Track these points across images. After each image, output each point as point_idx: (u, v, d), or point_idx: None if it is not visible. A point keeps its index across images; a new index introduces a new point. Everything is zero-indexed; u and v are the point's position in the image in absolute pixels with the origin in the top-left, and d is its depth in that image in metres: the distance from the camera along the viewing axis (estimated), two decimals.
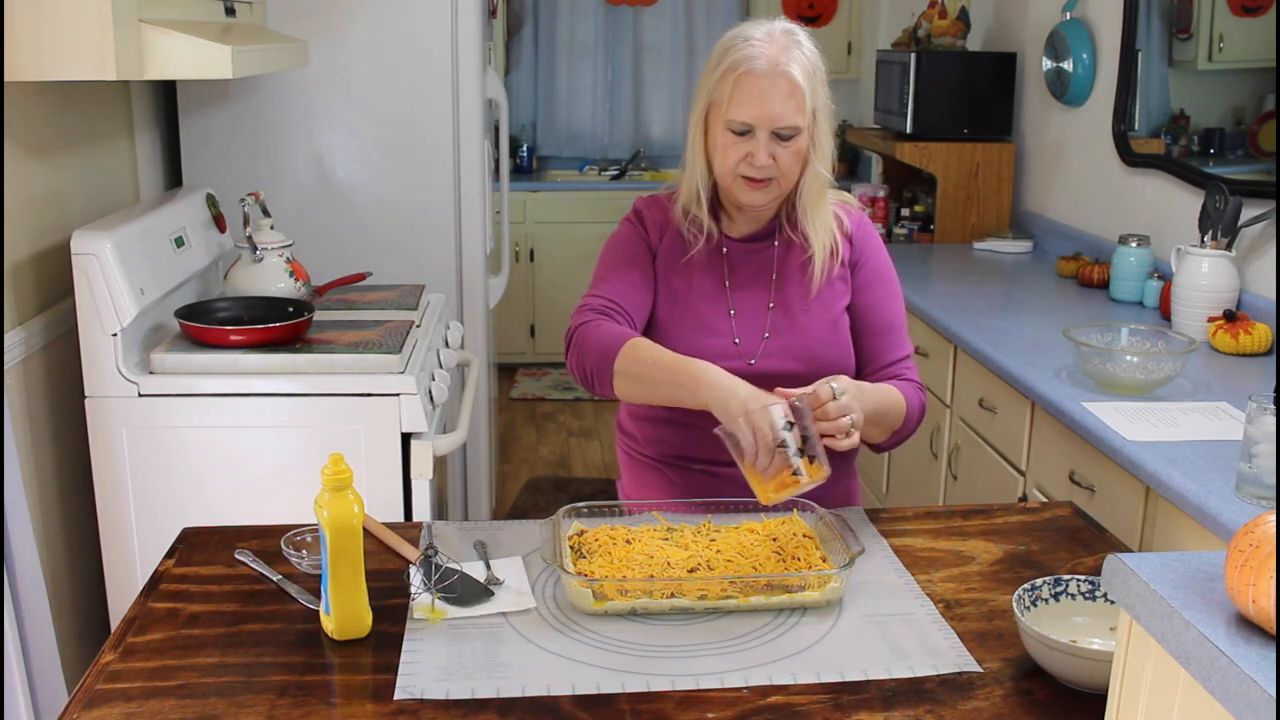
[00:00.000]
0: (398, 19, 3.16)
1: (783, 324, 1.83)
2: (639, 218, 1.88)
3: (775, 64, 1.69)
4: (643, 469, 1.93)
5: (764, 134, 1.71)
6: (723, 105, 1.72)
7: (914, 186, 4.35)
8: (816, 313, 1.83)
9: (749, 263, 1.85)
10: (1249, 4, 2.85)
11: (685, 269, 1.84)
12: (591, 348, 1.72)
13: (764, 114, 1.69)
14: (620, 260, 1.85)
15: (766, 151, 1.71)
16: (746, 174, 1.74)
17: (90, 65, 2.06)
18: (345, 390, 2.31)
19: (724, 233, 1.85)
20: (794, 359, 1.80)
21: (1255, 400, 1.74)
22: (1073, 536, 1.74)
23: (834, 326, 1.85)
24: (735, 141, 1.72)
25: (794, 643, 1.42)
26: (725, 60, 1.72)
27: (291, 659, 1.38)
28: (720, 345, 1.80)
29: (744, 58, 1.70)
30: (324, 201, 3.26)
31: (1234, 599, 0.95)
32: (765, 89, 1.69)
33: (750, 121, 1.70)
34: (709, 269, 1.84)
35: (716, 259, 1.85)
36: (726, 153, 1.73)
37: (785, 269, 1.85)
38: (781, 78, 1.69)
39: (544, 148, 6.20)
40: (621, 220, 1.91)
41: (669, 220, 1.86)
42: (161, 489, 2.32)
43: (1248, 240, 2.75)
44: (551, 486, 4.40)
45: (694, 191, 1.81)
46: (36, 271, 2.38)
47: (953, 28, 4.15)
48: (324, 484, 1.39)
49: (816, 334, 1.83)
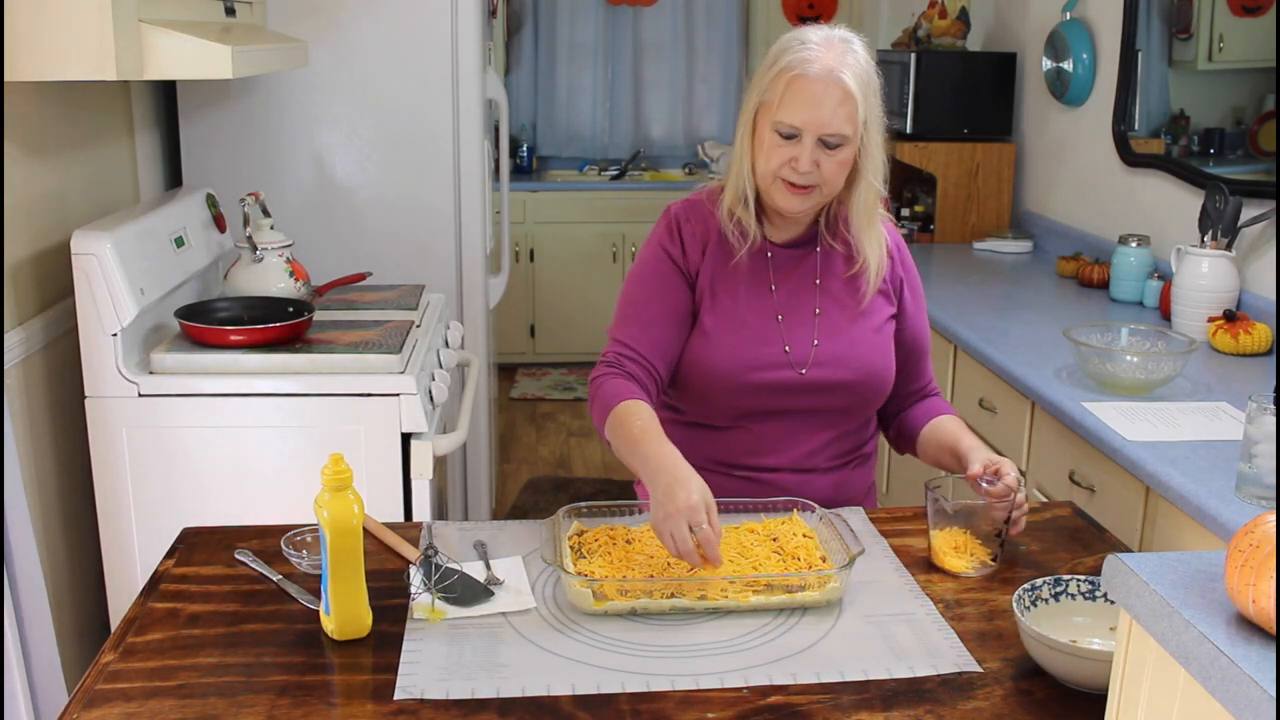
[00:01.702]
0: (398, 19, 3.16)
1: (831, 332, 1.81)
2: (676, 232, 1.82)
3: (829, 70, 1.66)
4: None
5: (810, 139, 1.68)
6: (772, 106, 1.69)
7: (914, 186, 4.35)
8: (862, 321, 1.83)
9: (793, 269, 1.83)
10: (1249, 4, 2.85)
11: (731, 276, 1.80)
12: (596, 409, 1.74)
13: (813, 119, 1.67)
14: (644, 295, 1.81)
15: (811, 158, 1.68)
16: (788, 178, 1.71)
17: (90, 65, 2.06)
18: (345, 390, 2.31)
19: (767, 237, 1.82)
20: (844, 368, 1.80)
21: (1255, 400, 1.74)
22: (1073, 536, 1.74)
23: (879, 334, 1.84)
24: (781, 144, 1.69)
25: (794, 643, 1.42)
26: (780, 62, 1.69)
27: (291, 659, 1.38)
28: (772, 355, 1.78)
29: (798, 60, 1.67)
30: (324, 201, 3.26)
31: (1234, 599, 0.95)
32: (817, 94, 1.66)
33: (798, 125, 1.67)
34: (753, 274, 1.81)
35: (761, 263, 1.82)
36: (771, 154, 1.70)
37: (829, 276, 1.83)
38: (835, 84, 1.66)
39: (544, 148, 6.20)
40: (654, 233, 1.85)
41: (710, 227, 1.81)
42: (161, 489, 2.32)
43: (1248, 240, 2.75)
44: (551, 486, 4.40)
45: (741, 192, 1.77)
46: (36, 271, 2.38)
47: (953, 28, 4.15)
48: (324, 484, 1.39)
49: (865, 342, 1.82)
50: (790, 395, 1.79)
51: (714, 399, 1.79)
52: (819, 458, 1.84)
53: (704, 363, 1.78)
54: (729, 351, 1.77)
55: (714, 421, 1.81)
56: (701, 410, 1.81)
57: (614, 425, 1.68)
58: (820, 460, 1.84)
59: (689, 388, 1.81)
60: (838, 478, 1.87)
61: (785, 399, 1.79)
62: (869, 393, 1.83)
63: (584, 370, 5.89)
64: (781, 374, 1.78)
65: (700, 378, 1.79)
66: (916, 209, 4.18)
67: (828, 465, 1.85)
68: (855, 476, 1.90)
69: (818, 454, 1.83)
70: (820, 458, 1.84)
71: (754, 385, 1.77)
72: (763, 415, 1.80)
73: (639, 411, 1.67)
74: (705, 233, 1.82)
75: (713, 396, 1.79)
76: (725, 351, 1.77)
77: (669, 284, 1.81)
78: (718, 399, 1.79)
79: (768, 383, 1.77)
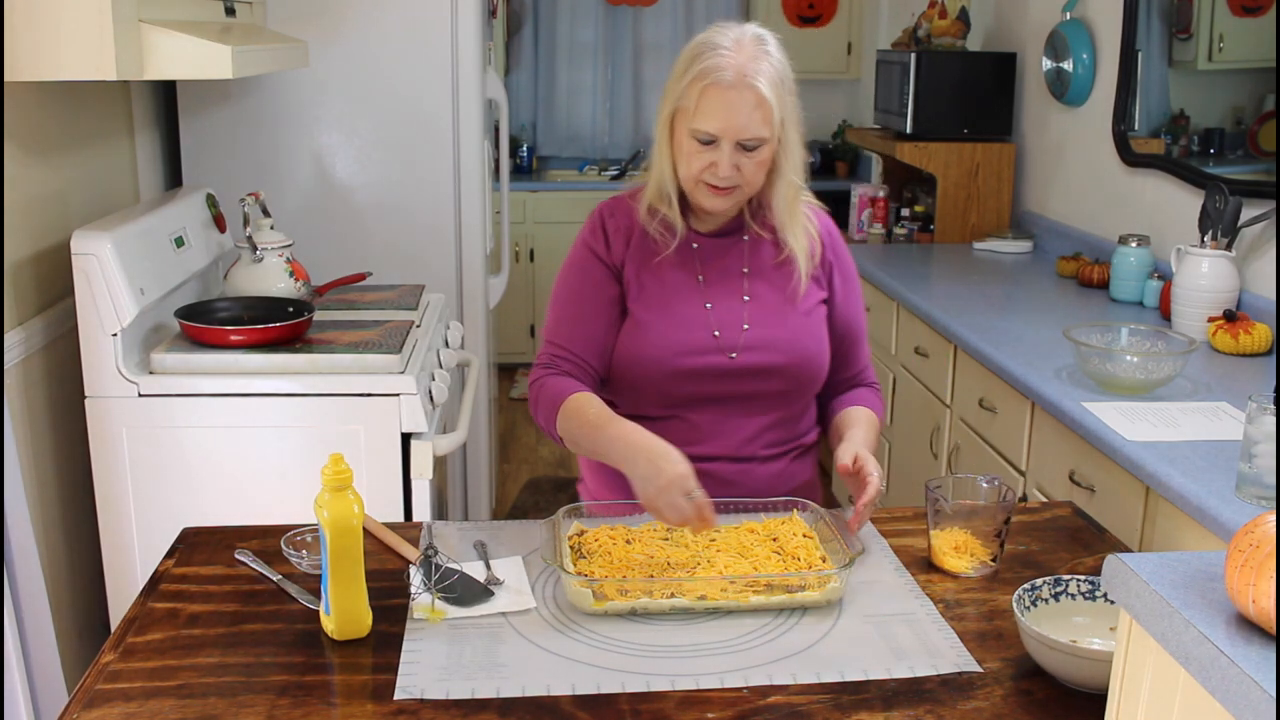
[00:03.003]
0: (398, 19, 3.16)
1: (760, 317, 1.82)
2: (600, 228, 1.85)
3: (742, 75, 1.67)
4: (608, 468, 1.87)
5: (728, 145, 1.69)
6: (689, 113, 1.70)
7: (914, 186, 4.35)
8: (792, 306, 1.84)
9: (720, 257, 1.84)
10: (1249, 4, 2.85)
11: (657, 267, 1.82)
12: (540, 410, 1.78)
13: (729, 126, 1.67)
14: (573, 295, 1.84)
15: (730, 162, 1.69)
16: (710, 181, 1.72)
17: (90, 65, 2.06)
18: (345, 390, 2.31)
19: (692, 228, 1.84)
20: (775, 351, 1.80)
21: (1255, 400, 1.74)
22: (1073, 536, 1.74)
23: (809, 317, 1.85)
24: (700, 150, 1.70)
25: (794, 643, 1.42)
26: (693, 68, 1.70)
27: (291, 659, 1.38)
28: (700, 340, 1.79)
29: (711, 67, 1.67)
30: (324, 201, 3.26)
31: (1234, 599, 0.95)
32: (731, 101, 1.67)
33: (715, 133, 1.68)
34: (681, 265, 1.83)
35: (688, 254, 1.83)
36: (691, 160, 1.72)
37: (757, 264, 1.85)
38: (748, 90, 1.67)
39: (544, 148, 6.20)
40: (580, 234, 1.88)
41: (634, 222, 1.83)
42: (161, 489, 2.32)
43: (1248, 240, 2.75)
44: (551, 486, 4.40)
45: (662, 191, 1.80)
46: (36, 271, 2.38)
47: (953, 28, 4.14)
48: (324, 484, 1.39)
49: (795, 326, 1.83)
50: (722, 381, 1.79)
51: (646, 388, 1.80)
52: (756, 445, 1.83)
53: (633, 351, 1.79)
54: (657, 338, 1.78)
55: (648, 412, 1.80)
56: (635, 401, 1.81)
57: (568, 418, 1.72)
58: (758, 448, 1.84)
59: (621, 379, 1.82)
60: (778, 468, 1.86)
61: (717, 384, 1.79)
62: (803, 376, 1.83)
63: None
64: (711, 359, 1.78)
65: (631, 366, 1.80)
66: (916, 209, 4.17)
67: (766, 454, 1.84)
68: (796, 468, 1.89)
69: (754, 441, 1.83)
70: (757, 445, 1.83)
71: (684, 371, 1.78)
72: (696, 403, 1.80)
73: (591, 401, 1.72)
74: (630, 226, 1.84)
75: (644, 385, 1.80)
76: (654, 338, 1.78)
77: (595, 279, 1.83)
78: (650, 387, 1.79)
79: (698, 368, 1.78)
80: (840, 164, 5.94)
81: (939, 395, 3.03)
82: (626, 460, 1.60)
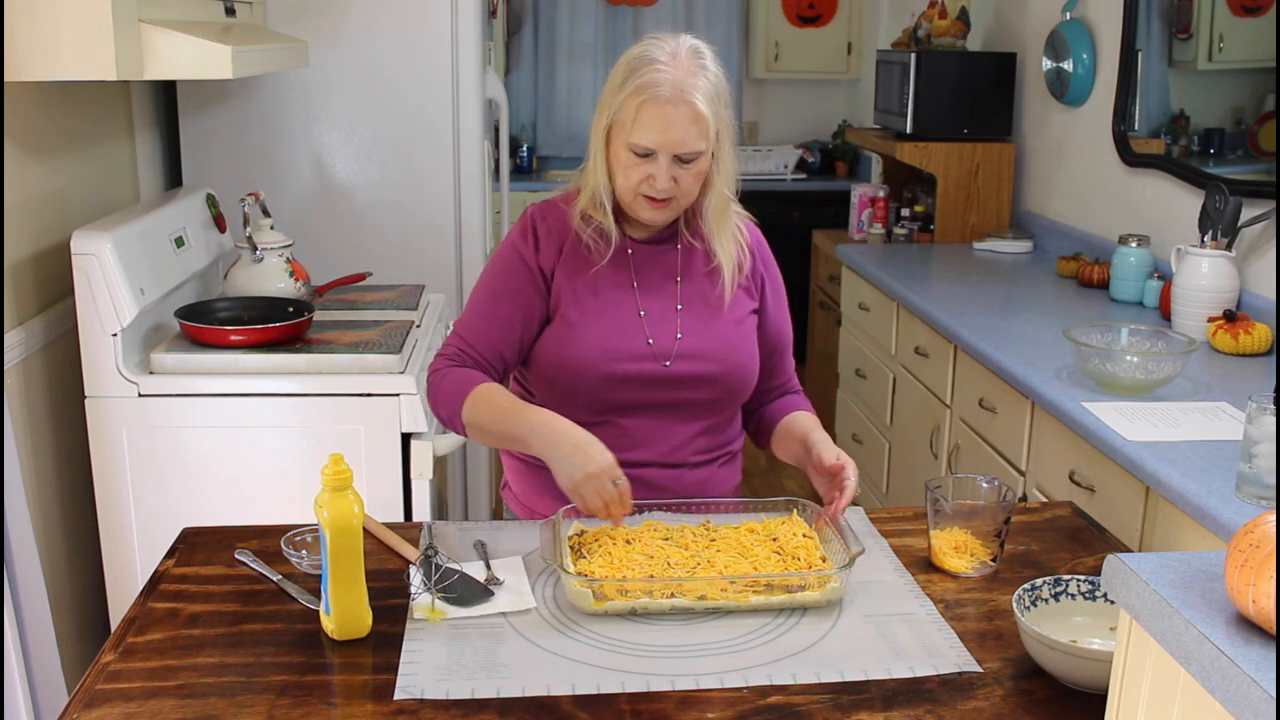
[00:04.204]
0: (398, 19, 3.16)
1: (693, 325, 1.82)
2: (530, 232, 1.83)
3: (679, 90, 1.67)
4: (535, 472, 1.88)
5: (665, 158, 1.69)
6: (625, 126, 1.69)
7: (914, 186, 4.35)
8: (724, 316, 1.84)
9: (654, 265, 1.84)
10: (1249, 4, 2.85)
11: (591, 272, 1.81)
12: (443, 398, 1.77)
13: (666, 140, 1.68)
14: (491, 296, 1.83)
15: (668, 175, 1.70)
16: (648, 193, 1.73)
17: (90, 65, 2.06)
18: (345, 390, 2.31)
19: (627, 235, 1.83)
20: (708, 360, 1.81)
21: (1255, 400, 1.74)
22: (1073, 536, 1.74)
23: (741, 326, 1.86)
24: (637, 163, 1.70)
25: (794, 643, 1.42)
26: (630, 83, 1.69)
27: (291, 659, 1.38)
28: (635, 346, 1.79)
29: (648, 82, 1.67)
30: (324, 201, 3.26)
31: (1234, 599, 0.95)
32: (669, 116, 1.67)
33: (652, 147, 1.68)
34: (615, 271, 1.82)
35: (622, 260, 1.83)
36: (629, 172, 1.72)
37: (690, 272, 1.85)
38: (685, 105, 1.67)
39: (544, 148, 6.20)
40: (509, 235, 1.86)
41: (567, 227, 1.82)
42: (161, 489, 2.32)
43: (1248, 240, 2.75)
44: None
45: (596, 199, 1.78)
46: (36, 271, 2.38)
47: (953, 28, 4.15)
48: (324, 484, 1.39)
49: (727, 336, 1.84)
50: (655, 388, 1.79)
51: (579, 393, 1.78)
52: (686, 451, 1.84)
53: (567, 356, 1.78)
54: (591, 344, 1.78)
55: (579, 417, 1.77)
56: (567, 407, 1.78)
57: (476, 406, 1.73)
58: (688, 454, 1.84)
59: (554, 384, 1.80)
60: (705, 474, 1.87)
61: (650, 391, 1.79)
62: (734, 385, 1.84)
63: None
64: (645, 365, 1.78)
65: (564, 371, 1.79)
66: (916, 209, 4.18)
67: (695, 460, 1.85)
68: (723, 474, 1.91)
69: (684, 447, 1.83)
70: (687, 451, 1.84)
71: (618, 377, 1.78)
72: (628, 409, 1.80)
73: (500, 389, 1.74)
74: (562, 230, 1.82)
75: (577, 391, 1.78)
76: (588, 344, 1.77)
77: (518, 285, 1.82)
78: (582, 393, 1.78)
79: (632, 374, 1.78)
80: (840, 164, 5.94)
81: (939, 395, 3.03)
82: (548, 445, 1.63)
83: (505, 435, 1.71)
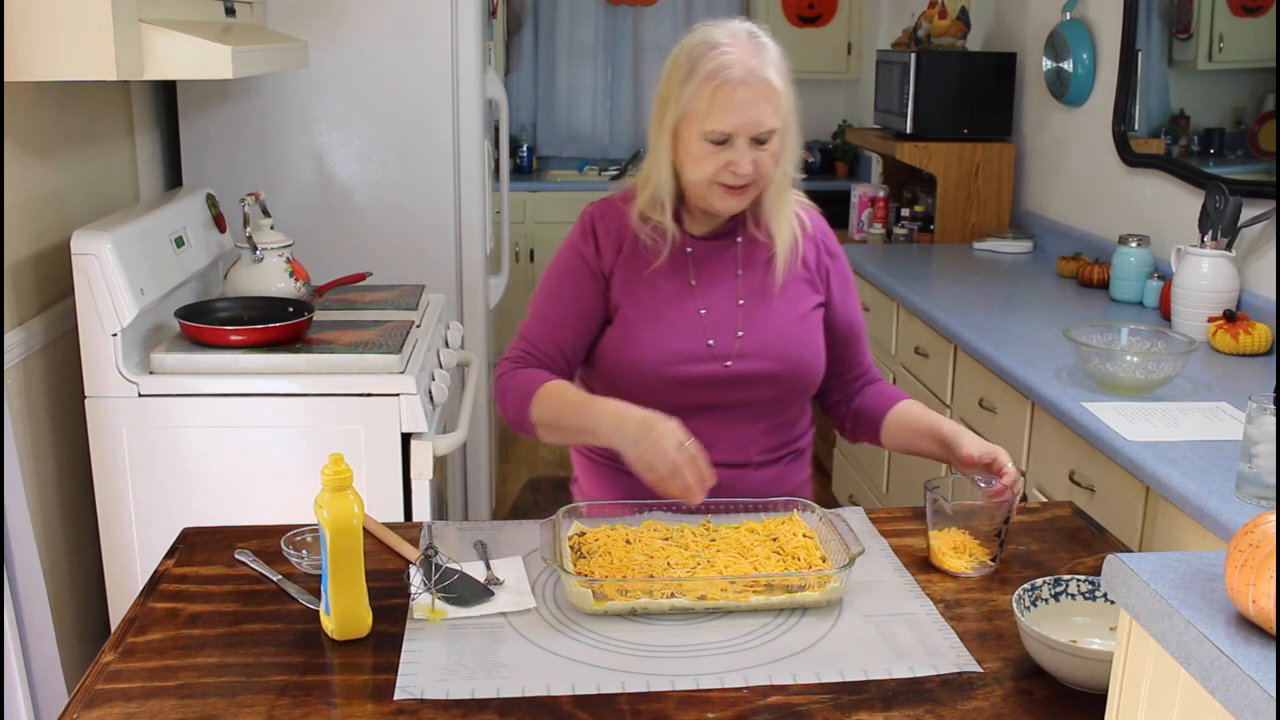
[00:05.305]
0: (398, 19, 3.16)
1: (755, 322, 1.80)
2: (590, 232, 1.82)
3: (751, 70, 1.66)
4: (602, 470, 1.89)
5: (744, 141, 1.67)
6: (699, 116, 1.67)
7: (914, 186, 4.35)
8: (786, 310, 1.82)
9: (714, 260, 1.82)
10: (1249, 4, 2.85)
11: (650, 273, 1.80)
12: (512, 402, 1.77)
13: (744, 122, 1.66)
14: (553, 297, 1.83)
15: (748, 158, 1.68)
16: (726, 182, 1.70)
17: (90, 65, 2.06)
18: (345, 390, 2.31)
19: (686, 231, 1.82)
20: (770, 359, 1.79)
21: (1255, 400, 1.74)
22: (1073, 536, 1.74)
23: (804, 323, 1.83)
24: (714, 151, 1.68)
25: (794, 643, 1.42)
26: (698, 71, 1.67)
27: (291, 659, 1.38)
28: (695, 348, 1.77)
29: (718, 67, 1.65)
30: (324, 201, 3.26)
31: (1234, 599, 0.95)
32: (744, 97, 1.65)
33: (730, 131, 1.66)
34: (673, 269, 1.80)
35: (680, 258, 1.81)
36: (703, 163, 1.69)
37: (751, 266, 1.83)
38: (759, 83, 1.66)
39: (544, 148, 6.20)
40: (569, 235, 1.86)
41: (626, 226, 1.81)
42: (161, 489, 2.32)
43: (1248, 240, 2.75)
44: (551, 486, 4.40)
45: (656, 199, 1.77)
46: (36, 271, 2.38)
47: (953, 28, 4.15)
48: (324, 484, 1.39)
49: (789, 331, 1.81)
50: (717, 389, 1.78)
51: (640, 396, 1.76)
52: (751, 450, 1.82)
53: (626, 358, 1.78)
54: (651, 346, 1.77)
55: None
56: None
57: (545, 403, 1.73)
58: (753, 454, 1.83)
59: (615, 385, 1.79)
60: (773, 473, 1.85)
61: (712, 393, 1.78)
62: (797, 383, 1.82)
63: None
64: (706, 367, 1.77)
65: (624, 373, 1.78)
66: (916, 209, 4.18)
67: (761, 460, 1.84)
68: (791, 471, 1.89)
69: (749, 447, 1.82)
70: (752, 450, 1.83)
71: (679, 379, 1.76)
72: (690, 410, 1.77)
73: (568, 385, 1.74)
74: (621, 230, 1.81)
75: (639, 393, 1.76)
76: (647, 347, 1.77)
77: (578, 285, 1.81)
78: (644, 395, 1.76)
79: (692, 376, 1.77)
80: (840, 164, 5.93)
81: (939, 395, 3.03)
82: (616, 429, 1.62)
83: (574, 428, 1.70)
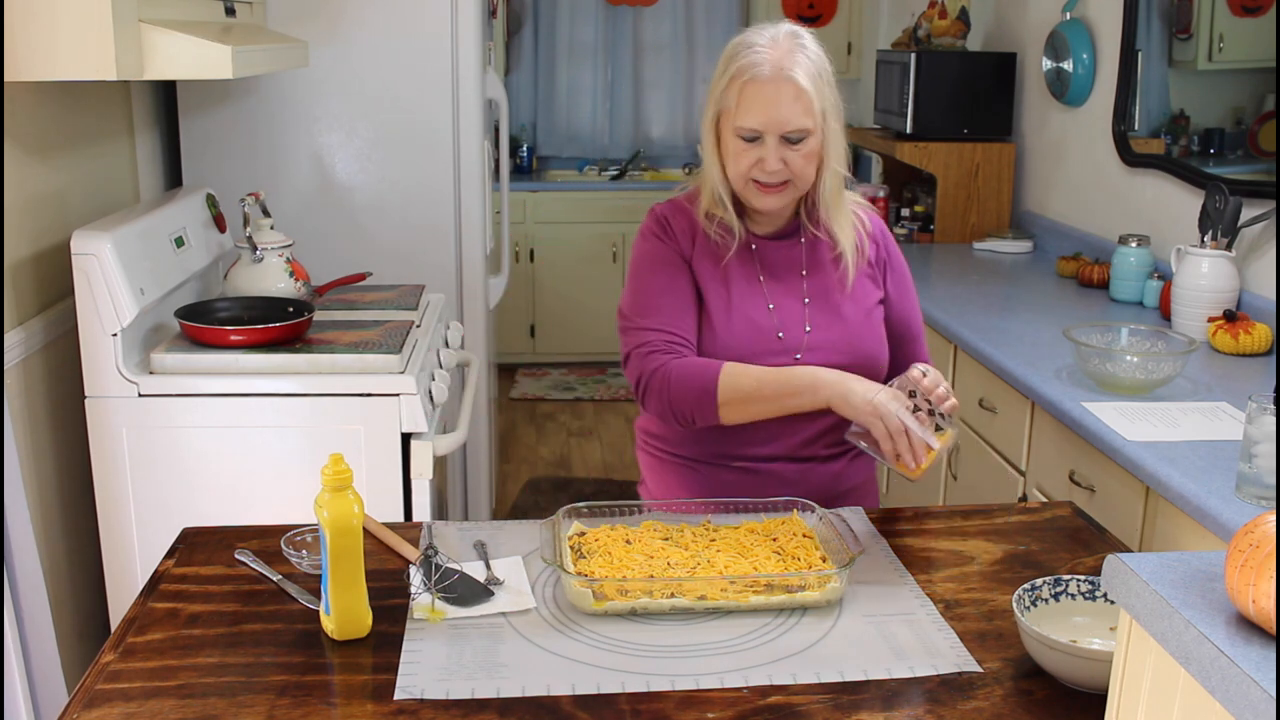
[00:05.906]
0: (398, 19, 3.16)
1: (821, 318, 1.85)
2: (664, 227, 1.86)
3: (779, 69, 1.71)
4: (670, 469, 1.92)
5: (773, 139, 1.72)
6: (731, 112, 1.74)
7: (914, 186, 4.35)
8: (851, 306, 1.86)
9: (779, 258, 1.87)
10: (1249, 4, 2.85)
11: (720, 269, 1.84)
12: (685, 389, 1.74)
13: (771, 119, 1.71)
14: (663, 284, 1.83)
15: (777, 156, 1.73)
16: (758, 178, 1.75)
17: (90, 65, 2.06)
18: (345, 390, 2.31)
19: (750, 230, 1.86)
20: (837, 352, 1.82)
21: (1255, 400, 1.74)
22: (1073, 536, 1.74)
23: (869, 317, 1.88)
24: (746, 148, 1.74)
25: (794, 643, 1.42)
26: (731, 68, 1.74)
27: (291, 659, 1.38)
28: (766, 341, 1.81)
29: (748, 64, 1.72)
30: (324, 201, 3.26)
31: (1234, 599, 0.95)
32: (770, 95, 1.70)
33: (758, 128, 1.72)
34: (742, 266, 1.85)
35: (747, 255, 1.86)
36: (738, 159, 1.75)
37: (815, 264, 1.87)
38: (786, 83, 1.70)
39: (544, 148, 6.20)
40: (642, 231, 1.88)
41: (695, 223, 1.85)
42: (161, 489, 2.32)
43: (1248, 240, 2.75)
44: (551, 486, 4.40)
45: (715, 195, 1.82)
46: (36, 271, 2.38)
47: (953, 28, 4.15)
48: (324, 484, 1.39)
49: (855, 326, 1.85)
50: None
51: None
52: (816, 445, 1.85)
53: (703, 349, 1.81)
54: (724, 339, 1.80)
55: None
56: None
57: (735, 379, 1.72)
58: (818, 449, 1.86)
59: None
60: (837, 468, 1.88)
61: None
62: (865, 376, 1.82)
63: (584, 370, 5.89)
64: (776, 360, 1.79)
65: None
66: (916, 209, 4.18)
67: (826, 454, 1.87)
68: (855, 468, 1.91)
69: (815, 442, 1.85)
70: (818, 445, 1.85)
71: None
72: None
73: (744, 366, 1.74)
74: (692, 225, 1.86)
75: None
76: (720, 339, 1.80)
77: (680, 275, 1.84)
78: None
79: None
80: None
81: None
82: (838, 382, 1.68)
83: (780, 393, 1.71)
